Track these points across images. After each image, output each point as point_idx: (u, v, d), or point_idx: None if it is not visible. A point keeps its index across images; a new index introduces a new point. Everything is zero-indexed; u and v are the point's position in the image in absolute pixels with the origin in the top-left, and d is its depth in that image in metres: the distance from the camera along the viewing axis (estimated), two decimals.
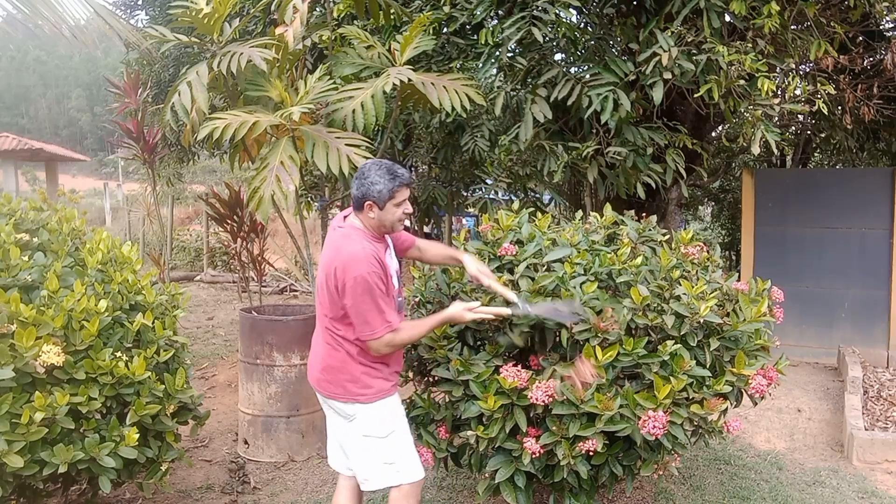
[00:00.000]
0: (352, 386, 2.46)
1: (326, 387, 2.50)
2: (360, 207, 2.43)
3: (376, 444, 2.48)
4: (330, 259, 2.40)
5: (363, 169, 2.43)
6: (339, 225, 2.50)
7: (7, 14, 5.00)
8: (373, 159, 2.50)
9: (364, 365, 2.46)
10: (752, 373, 2.73)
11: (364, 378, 2.46)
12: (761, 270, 6.28)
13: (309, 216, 8.26)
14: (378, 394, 2.48)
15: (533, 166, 4.81)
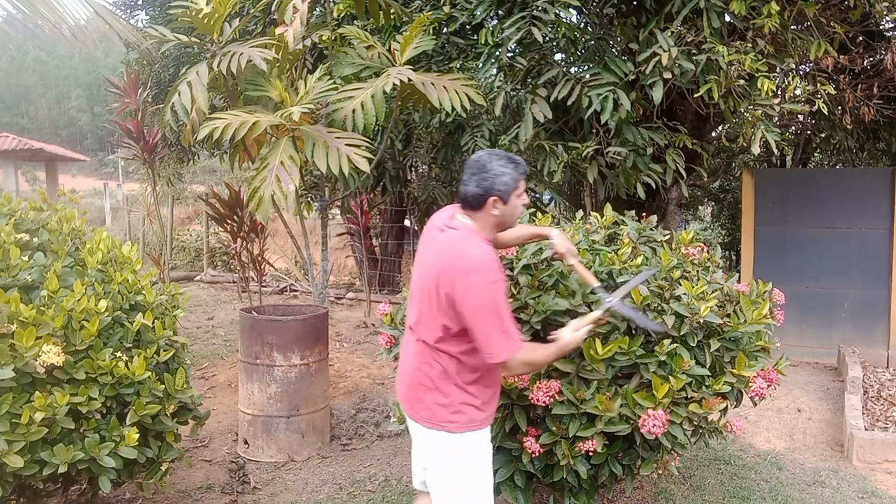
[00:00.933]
0: (440, 410, 2.14)
1: (413, 405, 2.21)
2: (479, 206, 2.13)
3: (455, 481, 2.17)
4: (444, 265, 2.08)
5: (479, 162, 2.13)
6: (448, 225, 2.17)
7: (7, 14, 5.00)
8: (482, 151, 2.21)
9: (460, 387, 2.13)
10: (752, 374, 2.73)
11: (456, 402, 2.13)
12: (761, 270, 6.28)
13: (309, 216, 8.25)
14: (469, 424, 2.14)
15: (533, 166, 4.80)
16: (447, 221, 2.19)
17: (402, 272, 9.68)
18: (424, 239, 2.26)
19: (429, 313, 2.13)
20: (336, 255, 11.61)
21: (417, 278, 2.21)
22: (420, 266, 2.22)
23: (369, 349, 6.24)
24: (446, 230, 2.16)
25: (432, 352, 2.14)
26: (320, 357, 3.99)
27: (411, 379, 2.21)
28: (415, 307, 2.21)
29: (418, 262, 2.25)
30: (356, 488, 3.56)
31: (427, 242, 2.23)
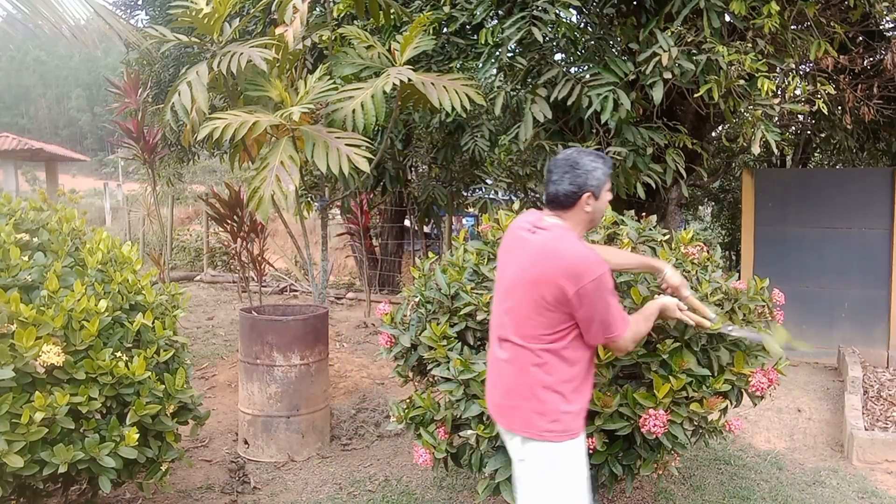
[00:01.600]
0: (539, 419, 2.07)
1: (509, 415, 2.13)
2: (571, 204, 2.10)
3: (552, 493, 2.10)
4: (545, 266, 2.04)
5: (569, 160, 2.12)
6: (537, 226, 2.13)
7: (7, 14, 5.00)
8: (566, 150, 2.20)
9: (559, 394, 2.08)
10: (751, 372, 2.73)
11: (555, 411, 2.07)
12: (761, 270, 6.28)
13: (309, 216, 8.26)
14: (565, 433, 2.08)
15: (533, 166, 4.81)
16: (536, 223, 2.15)
17: (402, 272, 9.68)
18: (509, 244, 2.22)
19: (527, 317, 2.07)
20: (336, 255, 11.61)
21: (507, 284, 2.15)
22: (507, 271, 2.17)
23: (369, 349, 6.24)
24: (537, 231, 2.12)
25: (531, 355, 2.08)
26: (320, 357, 3.99)
27: (507, 388, 2.13)
28: (505, 314, 2.14)
29: (504, 268, 2.20)
30: (356, 488, 3.56)
31: (513, 246, 2.18)
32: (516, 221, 2.24)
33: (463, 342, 2.85)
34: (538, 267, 2.06)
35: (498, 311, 2.20)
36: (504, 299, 2.17)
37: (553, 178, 2.12)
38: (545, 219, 2.15)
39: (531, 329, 2.07)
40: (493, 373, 2.23)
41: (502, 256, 2.25)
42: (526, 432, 2.09)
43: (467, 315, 2.82)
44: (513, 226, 2.24)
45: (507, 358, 2.13)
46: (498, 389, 2.19)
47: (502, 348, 2.16)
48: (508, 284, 2.15)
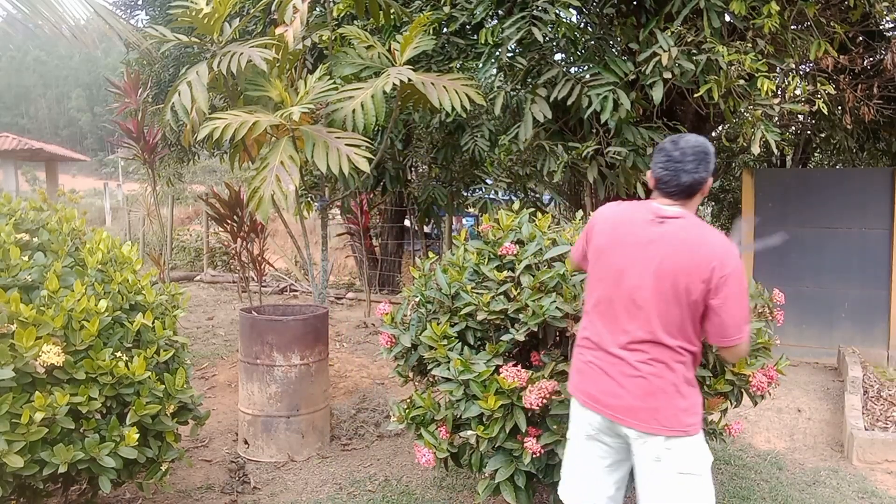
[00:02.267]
0: (683, 415, 2.03)
1: (648, 417, 2.03)
2: (694, 192, 2.08)
3: (695, 483, 2.06)
4: (695, 255, 1.99)
5: (701, 146, 2.07)
6: (662, 216, 2.06)
7: (7, 14, 5.00)
8: (690, 136, 2.12)
9: (694, 387, 2.07)
10: (752, 372, 2.73)
11: (696, 405, 2.07)
12: (761, 270, 6.28)
13: (309, 216, 8.26)
14: (700, 423, 2.09)
15: (533, 166, 4.81)
16: (658, 213, 2.07)
17: (402, 272, 9.68)
18: (620, 238, 2.10)
19: (667, 312, 2.01)
20: (336, 255, 11.61)
21: (635, 282, 2.04)
22: (631, 268, 2.05)
23: (369, 349, 6.24)
24: (666, 221, 2.05)
25: (673, 354, 2.02)
26: (320, 357, 3.99)
27: (646, 390, 2.03)
28: (636, 312, 2.04)
29: (624, 265, 2.07)
30: (356, 488, 3.56)
31: (630, 241, 2.07)
32: (621, 215, 2.13)
33: (463, 342, 2.85)
34: (682, 255, 2.00)
35: (623, 313, 2.07)
36: (630, 299, 2.05)
37: (688, 168, 2.05)
38: (666, 208, 2.08)
39: (674, 325, 2.02)
40: (615, 375, 2.08)
41: (615, 254, 2.10)
42: (672, 431, 2.03)
43: (468, 315, 2.82)
44: (625, 218, 2.11)
45: (645, 359, 2.04)
46: (628, 392, 2.05)
47: (631, 349, 2.05)
48: (637, 282, 2.04)
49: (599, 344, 2.12)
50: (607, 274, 2.11)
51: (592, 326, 2.15)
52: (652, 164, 2.13)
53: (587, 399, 2.14)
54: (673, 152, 2.06)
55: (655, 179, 2.10)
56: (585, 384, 2.15)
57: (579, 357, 2.19)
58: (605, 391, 2.10)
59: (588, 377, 2.14)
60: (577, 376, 2.19)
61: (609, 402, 2.09)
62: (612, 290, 2.09)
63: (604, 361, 2.11)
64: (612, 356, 2.09)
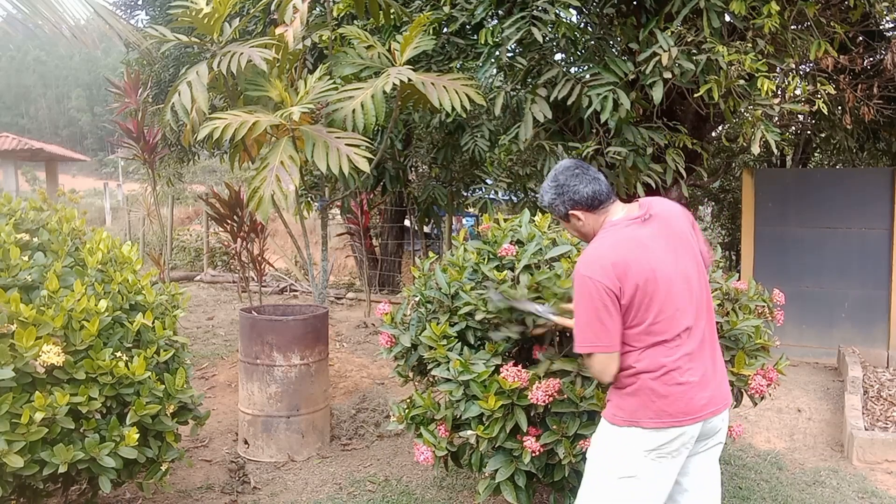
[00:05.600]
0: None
1: (727, 395, 2.14)
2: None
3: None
4: (686, 223, 2.15)
5: (578, 160, 2.25)
6: (652, 213, 2.12)
7: (7, 14, 5.00)
8: (563, 164, 2.21)
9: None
10: (751, 373, 2.73)
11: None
12: (761, 270, 6.28)
13: (309, 216, 8.26)
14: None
15: (533, 166, 4.80)
16: (632, 217, 2.10)
17: (402, 272, 9.67)
18: (666, 219, 2.11)
19: (706, 290, 2.13)
20: (336, 255, 11.61)
21: (673, 268, 2.03)
22: (677, 253, 2.07)
23: (369, 349, 6.24)
24: (651, 214, 2.10)
25: (715, 331, 2.17)
26: (320, 357, 3.99)
27: (721, 371, 2.14)
28: (694, 298, 2.05)
29: (671, 249, 2.07)
30: (356, 488, 3.56)
31: (655, 235, 2.07)
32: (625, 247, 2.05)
33: (463, 342, 2.85)
34: (686, 238, 2.13)
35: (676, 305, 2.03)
36: (672, 289, 2.03)
37: (594, 175, 2.14)
38: (630, 208, 2.15)
39: (707, 303, 2.15)
40: (703, 363, 2.06)
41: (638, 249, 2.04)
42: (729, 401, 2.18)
43: (467, 315, 2.82)
44: (636, 216, 2.10)
45: (709, 340, 2.12)
46: (717, 376, 2.11)
47: (695, 335, 2.06)
48: (675, 271, 2.06)
49: (683, 340, 2.04)
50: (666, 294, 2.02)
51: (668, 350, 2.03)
52: (571, 198, 2.13)
53: (703, 409, 2.04)
54: (568, 174, 2.14)
55: (591, 199, 2.12)
56: (696, 397, 2.04)
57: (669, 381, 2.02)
58: (701, 382, 2.04)
59: (694, 389, 2.03)
60: (685, 397, 2.02)
61: (706, 395, 2.05)
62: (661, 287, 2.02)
63: (685, 358, 2.03)
64: (690, 352, 2.04)
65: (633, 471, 2.04)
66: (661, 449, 2.02)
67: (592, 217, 2.15)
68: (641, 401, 2.02)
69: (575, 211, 2.14)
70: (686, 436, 2.03)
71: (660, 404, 2.00)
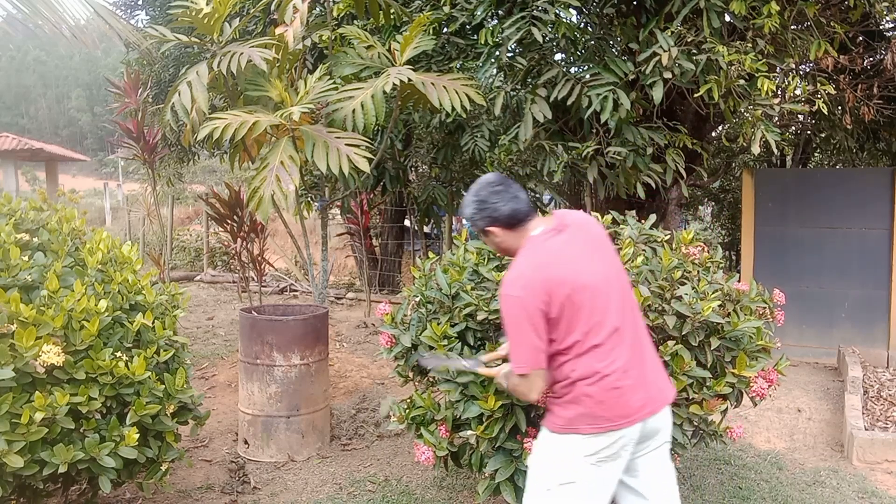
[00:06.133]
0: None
1: (667, 392, 2.18)
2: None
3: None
4: (601, 229, 2.21)
5: (498, 176, 2.23)
6: (567, 222, 2.15)
7: (7, 14, 5.00)
8: (479, 183, 2.22)
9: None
10: (752, 374, 2.73)
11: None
12: (761, 270, 6.28)
13: (309, 216, 8.26)
14: None
15: (533, 166, 4.80)
16: (549, 230, 2.12)
17: (402, 272, 9.67)
18: (585, 233, 2.14)
19: (629, 291, 2.18)
20: (336, 255, 11.61)
21: (594, 273, 2.05)
22: (601, 262, 2.10)
23: (369, 349, 6.24)
24: (567, 225, 2.12)
25: (645, 329, 2.20)
26: (320, 357, 3.99)
27: (657, 370, 2.17)
28: (609, 305, 2.05)
29: (597, 260, 2.10)
30: (356, 488, 3.56)
31: (572, 243, 2.09)
32: (558, 224, 2.12)
33: (463, 342, 2.85)
34: (606, 246, 2.20)
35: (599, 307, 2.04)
36: (597, 293, 2.05)
37: (516, 188, 2.15)
38: (547, 221, 2.16)
39: (636, 304, 2.24)
40: (640, 361, 2.10)
41: (562, 258, 2.07)
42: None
43: (468, 315, 2.82)
44: (555, 228, 2.12)
45: (643, 340, 2.17)
46: (660, 371, 2.18)
47: (633, 336, 2.11)
48: (599, 274, 2.09)
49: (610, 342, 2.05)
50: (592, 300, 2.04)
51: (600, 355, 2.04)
52: (490, 216, 2.12)
53: (639, 410, 2.06)
54: (491, 191, 2.13)
55: (509, 218, 2.11)
56: (631, 399, 2.05)
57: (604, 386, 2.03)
58: (639, 382, 2.07)
59: (629, 392, 2.05)
60: (621, 400, 2.04)
61: (650, 393, 2.09)
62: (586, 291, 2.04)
63: (618, 359, 2.05)
64: (620, 352, 2.05)
65: (573, 477, 2.05)
66: (599, 453, 2.04)
67: (511, 235, 2.14)
68: (579, 408, 2.03)
69: (493, 228, 2.14)
70: (625, 438, 2.05)
71: (597, 410, 2.01)
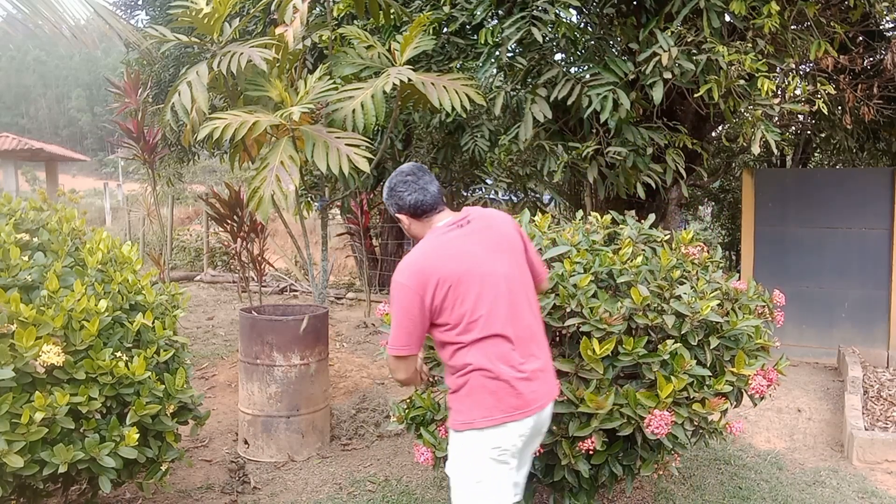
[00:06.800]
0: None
1: (554, 389, 2.26)
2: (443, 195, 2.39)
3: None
4: (508, 226, 2.26)
5: (416, 165, 2.36)
6: (467, 219, 2.23)
7: (7, 14, 5.00)
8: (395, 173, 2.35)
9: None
10: (752, 373, 2.73)
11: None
12: (761, 270, 6.28)
13: (309, 216, 8.26)
14: None
15: (533, 166, 4.80)
16: (460, 219, 2.21)
17: None
18: (461, 239, 2.17)
19: (528, 277, 2.25)
20: (336, 255, 11.61)
21: (489, 268, 2.12)
22: (495, 248, 2.17)
23: (369, 349, 6.24)
24: (469, 220, 2.21)
25: (542, 327, 2.26)
26: (320, 357, 3.99)
27: (547, 367, 2.23)
28: (498, 299, 2.10)
29: (487, 250, 2.16)
30: (356, 488, 3.56)
31: (469, 238, 2.17)
32: (436, 254, 2.16)
33: None
34: (500, 234, 2.25)
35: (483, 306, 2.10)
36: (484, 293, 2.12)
37: (426, 180, 2.25)
38: (452, 216, 2.25)
39: (532, 290, 2.30)
40: (532, 352, 2.16)
41: (450, 257, 2.15)
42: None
43: None
44: (439, 261, 2.14)
45: (538, 332, 2.24)
46: (547, 363, 2.24)
47: (528, 326, 2.19)
48: (501, 260, 2.20)
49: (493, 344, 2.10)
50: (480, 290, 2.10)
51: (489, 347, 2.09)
52: (397, 202, 2.25)
53: (533, 403, 2.12)
54: (402, 180, 2.25)
55: (413, 208, 2.22)
56: (525, 392, 2.10)
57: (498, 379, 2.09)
58: (530, 379, 2.12)
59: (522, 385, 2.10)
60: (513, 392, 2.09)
61: (542, 385, 2.17)
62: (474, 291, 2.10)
63: (505, 360, 2.10)
64: (506, 351, 2.11)
65: (481, 475, 2.11)
66: (499, 448, 2.09)
67: (417, 223, 2.26)
68: (473, 400, 2.08)
69: (400, 214, 2.28)
70: (521, 430, 2.11)
71: (490, 401, 2.06)
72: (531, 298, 2.24)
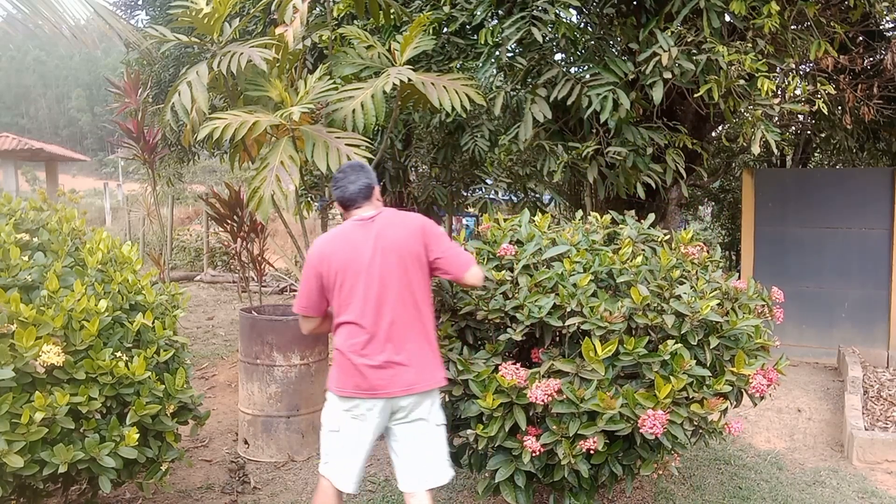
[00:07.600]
0: (440, 368, 2.56)
1: (430, 377, 2.49)
2: (369, 195, 2.58)
3: (444, 432, 2.60)
4: (410, 232, 2.48)
5: (356, 163, 2.70)
6: (368, 217, 2.52)
7: (7, 14, 5.01)
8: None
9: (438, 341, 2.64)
10: (752, 372, 2.73)
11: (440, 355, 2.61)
12: (761, 270, 6.28)
13: (309, 216, 8.25)
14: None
15: (533, 166, 4.80)
16: (368, 217, 2.50)
17: None
18: (356, 233, 2.48)
19: (414, 274, 2.46)
20: None
21: (385, 256, 2.42)
22: (385, 244, 2.44)
23: None
24: (374, 219, 2.49)
25: (429, 315, 2.51)
26: (320, 357, 3.99)
27: (423, 352, 2.46)
28: (371, 293, 2.41)
29: (377, 247, 2.44)
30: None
31: (364, 234, 2.47)
32: (336, 242, 2.52)
33: (463, 341, 2.85)
34: (402, 231, 2.49)
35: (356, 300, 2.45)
36: (360, 288, 2.45)
37: (351, 179, 2.54)
38: (364, 213, 2.51)
39: (419, 285, 2.50)
40: (399, 344, 2.43)
41: (342, 258, 2.47)
42: (440, 383, 2.52)
43: (467, 314, 2.82)
44: (335, 248, 2.50)
45: (413, 325, 2.47)
46: (417, 356, 2.45)
47: (402, 319, 2.45)
48: (387, 255, 2.46)
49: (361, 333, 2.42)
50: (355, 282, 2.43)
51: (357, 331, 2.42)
52: (333, 193, 2.58)
53: (379, 388, 2.41)
54: (337, 175, 2.59)
55: (339, 200, 2.56)
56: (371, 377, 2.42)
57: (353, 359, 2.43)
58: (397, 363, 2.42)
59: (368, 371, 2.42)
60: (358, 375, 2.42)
61: (403, 376, 2.42)
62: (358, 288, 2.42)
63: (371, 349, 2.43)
64: (392, 331, 2.43)
65: (336, 425, 2.55)
66: (350, 411, 2.47)
67: (345, 213, 2.59)
68: (335, 370, 2.49)
69: (336, 203, 2.60)
70: (364, 406, 2.44)
71: (341, 376, 2.45)
72: (414, 300, 2.45)
